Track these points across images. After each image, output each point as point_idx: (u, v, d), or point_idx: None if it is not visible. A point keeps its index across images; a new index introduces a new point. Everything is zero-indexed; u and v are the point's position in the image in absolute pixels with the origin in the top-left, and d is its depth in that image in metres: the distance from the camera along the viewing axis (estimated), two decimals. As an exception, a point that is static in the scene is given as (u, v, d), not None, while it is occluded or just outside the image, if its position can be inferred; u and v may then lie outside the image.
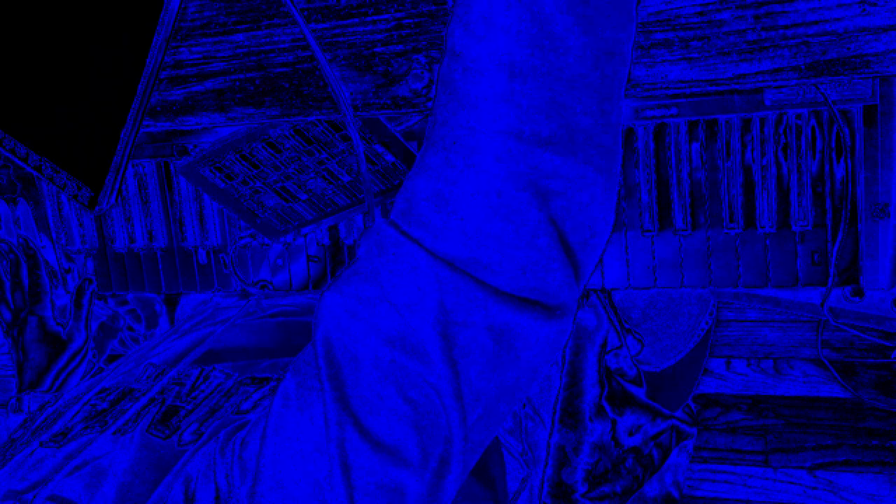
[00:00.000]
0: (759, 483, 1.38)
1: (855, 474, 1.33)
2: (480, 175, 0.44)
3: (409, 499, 0.46)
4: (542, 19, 0.43)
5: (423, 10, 0.55)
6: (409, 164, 0.77)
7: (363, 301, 0.46)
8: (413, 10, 0.55)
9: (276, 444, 0.47)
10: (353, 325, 0.46)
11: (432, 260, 0.45)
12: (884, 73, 0.49)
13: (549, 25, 0.43)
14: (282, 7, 0.57)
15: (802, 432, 1.37)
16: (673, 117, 0.66)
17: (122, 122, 0.58)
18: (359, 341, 0.46)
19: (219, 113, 0.61)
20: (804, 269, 0.67)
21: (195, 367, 0.67)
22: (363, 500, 0.45)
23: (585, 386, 0.99)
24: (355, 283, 0.47)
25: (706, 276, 0.69)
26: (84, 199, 0.60)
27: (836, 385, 1.34)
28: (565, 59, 0.44)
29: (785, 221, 0.66)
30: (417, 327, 0.45)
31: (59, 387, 0.89)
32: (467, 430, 0.47)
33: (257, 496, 0.46)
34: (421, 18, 0.55)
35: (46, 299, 0.90)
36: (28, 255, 0.90)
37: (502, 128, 0.44)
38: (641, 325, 1.02)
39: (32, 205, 0.95)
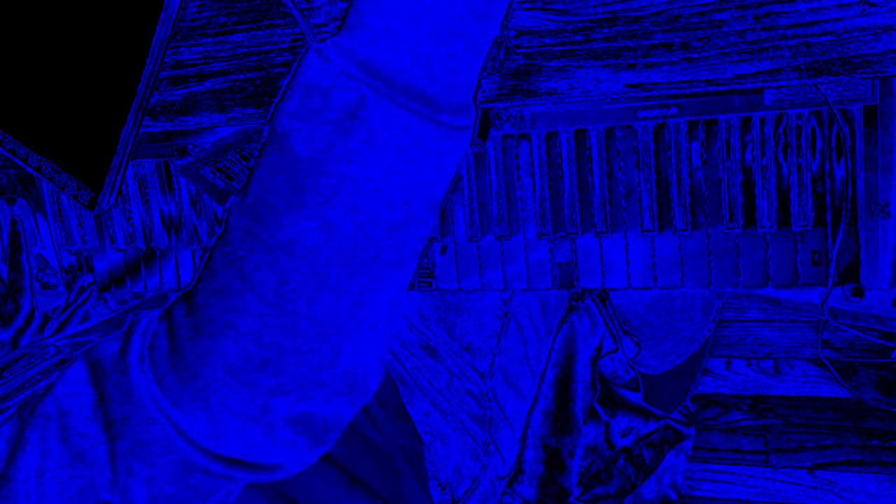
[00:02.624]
0: (759, 483, 1.38)
1: (855, 474, 1.33)
2: None
3: None
4: None
5: (423, 10, 0.55)
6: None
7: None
8: (413, 10, 0.55)
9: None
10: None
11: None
12: (884, 73, 0.49)
13: None
14: (282, 7, 0.57)
15: (802, 432, 1.37)
16: (673, 117, 0.66)
17: (122, 122, 0.58)
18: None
19: (219, 113, 0.61)
20: (804, 269, 0.67)
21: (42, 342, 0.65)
22: None
23: (578, 390, 0.99)
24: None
25: (706, 276, 0.69)
26: (84, 199, 0.60)
27: (836, 385, 1.34)
28: None
29: (785, 221, 0.66)
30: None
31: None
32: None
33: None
34: (421, 18, 0.55)
35: (27, 285, 0.89)
36: (12, 238, 0.89)
37: None
38: (641, 329, 1.02)
39: (32, 205, 0.95)
